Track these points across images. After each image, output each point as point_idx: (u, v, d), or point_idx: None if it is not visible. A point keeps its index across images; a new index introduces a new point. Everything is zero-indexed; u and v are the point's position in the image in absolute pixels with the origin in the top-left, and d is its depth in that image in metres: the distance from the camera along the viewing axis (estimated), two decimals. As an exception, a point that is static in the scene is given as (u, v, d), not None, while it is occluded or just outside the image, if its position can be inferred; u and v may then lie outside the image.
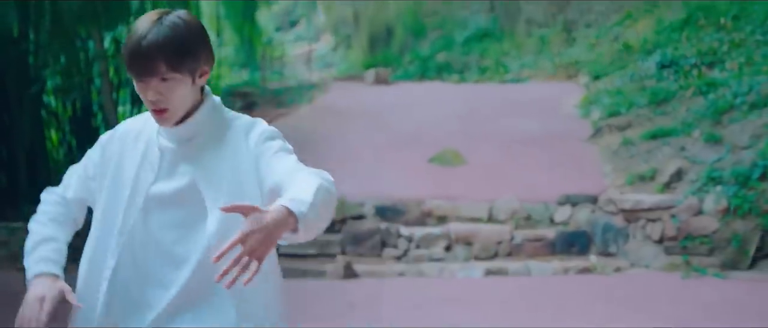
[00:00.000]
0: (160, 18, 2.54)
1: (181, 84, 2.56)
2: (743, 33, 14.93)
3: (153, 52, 2.49)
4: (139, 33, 2.52)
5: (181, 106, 2.60)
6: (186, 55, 2.54)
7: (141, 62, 2.51)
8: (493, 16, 21.74)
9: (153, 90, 2.54)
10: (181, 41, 2.53)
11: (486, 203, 11.00)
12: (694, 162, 10.87)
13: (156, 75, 2.52)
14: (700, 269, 9.79)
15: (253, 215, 2.26)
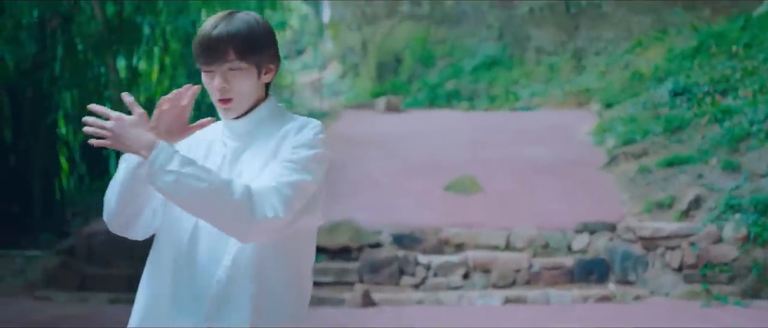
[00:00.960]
0: (230, 13, 2.67)
1: (248, 75, 2.65)
2: (756, 61, 14.93)
3: (223, 40, 2.60)
4: (211, 24, 2.64)
5: (245, 98, 2.68)
6: (254, 46, 2.63)
7: (211, 50, 2.62)
8: (501, 44, 21.78)
9: (220, 78, 2.64)
10: (251, 33, 2.63)
11: (503, 230, 10.97)
12: (712, 190, 10.84)
13: (225, 63, 2.62)
14: (720, 297, 9.75)
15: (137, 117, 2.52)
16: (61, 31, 14.23)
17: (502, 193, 12.22)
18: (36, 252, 11.64)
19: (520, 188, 12.34)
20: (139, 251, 10.79)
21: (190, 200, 2.50)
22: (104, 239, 11.09)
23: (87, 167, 16.31)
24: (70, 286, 10.83)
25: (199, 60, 2.66)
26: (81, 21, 14.97)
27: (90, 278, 10.90)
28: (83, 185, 15.98)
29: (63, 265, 11.10)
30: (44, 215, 13.36)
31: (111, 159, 16.77)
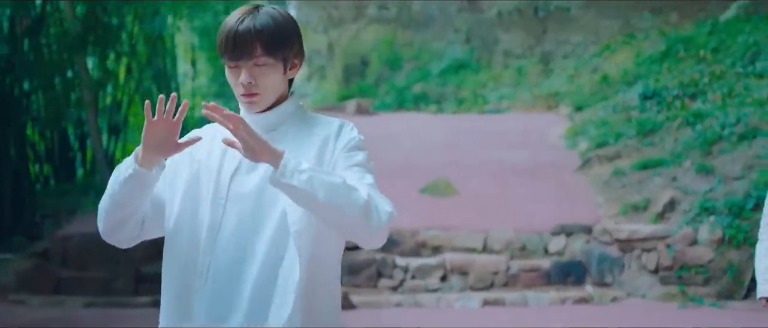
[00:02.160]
0: (256, 7, 2.63)
1: (273, 71, 2.62)
2: (723, 65, 15.14)
3: (249, 35, 2.57)
4: (235, 18, 2.60)
5: (271, 93, 2.65)
6: (280, 41, 2.61)
7: (237, 45, 2.58)
8: (469, 48, 21.85)
9: (246, 73, 2.59)
10: (277, 28, 2.61)
11: (480, 233, 11.00)
12: (686, 192, 10.96)
13: (251, 58, 2.58)
14: (696, 298, 9.86)
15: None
16: (31, 32, 14.07)
17: (477, 195, 12.25)
18: (7, 255, 11.49)
19: (495, 191, 12.38)
20: (115, 255, 10.71)
21: (327, 197, 2.47)
22: (79, 242, 10.99)
23: (53, 170, 16.16)
24: (45, 290, 10.70)
25: (224, 55, 2.61)
26: (51, 22, 14.83)
27: (65, 281, 10.78)
28: (49, 188, 15.82)
29: (37, 268, 10.96)
30: (14, 218, 13.19)
31: (77, 161, 16.63)
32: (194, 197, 2.69)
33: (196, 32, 22.11)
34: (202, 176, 2.69)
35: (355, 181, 2.56)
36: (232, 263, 2.61)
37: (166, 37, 19.20)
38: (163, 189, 2.74)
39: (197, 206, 2.68)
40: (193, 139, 2.64)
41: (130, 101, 17.56)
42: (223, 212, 2.63)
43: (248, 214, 2.61)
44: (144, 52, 17.93)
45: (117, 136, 17.03)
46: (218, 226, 2.62)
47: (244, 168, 2.66)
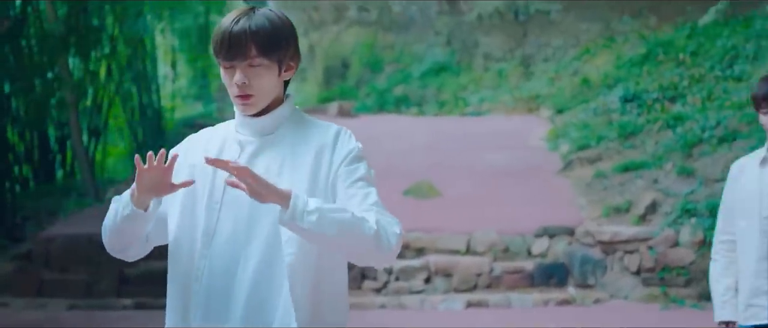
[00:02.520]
0: (252, 8, 2.63)
1: (268, 72, 2.60)
2: (702, 69, 15.25)
3: (244, 35, 2.56)
4: (231, 19, 2.59)
5: (265, 95, 2.63)
6: (276, 42, 2.60)
7: (232, 45, 2.57)
8: (450, 50, 21.90)
9: (241, 73, 2.58)
10: (273, 29, 2.59)
11: (464, 235, 11.03)
12: (667, 194, 11.05)
13: (246, 58, 2.57)
14: (678, 300, 9.94)
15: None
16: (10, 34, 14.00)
17: (460, 197, 12.29)
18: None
19: (478, 193, 12.43)
20: (98, 257, 10.66)
21: (337, 233, 2.49)
22: (62, 244, 10.95)
23: (33, 172, 16.06)
24: (28, 292, 10.65)
25: (219, 55, 2.61)
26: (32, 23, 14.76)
27: (48, 283, 10.73)
28: (29, 190, 15.73)
29: (19, 270, 10.91)
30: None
31: (56, 164, 16.54)
32: (191, 202, 2.69)
33: (176, 34, 22.09)
34: (198, 180, 2.69)
35: (360, 205, 2.57)
36: (227, 267, 2.61)
37: (146, 38, 19.16)
38: (165, 203, 2.74)
39: (193, 211, 2.69)
40: (186, 182, 2.62)
41: (111, 103, 17.50)
42: (218, 216, 2.64)
43: (243, 218, 2.62)
44: (124, 53, 17.87)
45: (97, 138, 16.96)
46: (213, 230, 2.64)
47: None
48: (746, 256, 4.16)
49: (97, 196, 14.16)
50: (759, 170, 4.18)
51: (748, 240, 4.15)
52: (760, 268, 4.09)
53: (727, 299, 4.22)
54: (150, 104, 19.58)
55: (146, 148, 18.85)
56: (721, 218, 4.37)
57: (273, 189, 2.46)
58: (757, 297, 4.10)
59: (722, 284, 4.26)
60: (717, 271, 4.31)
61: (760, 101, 4.06)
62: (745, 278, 4.16)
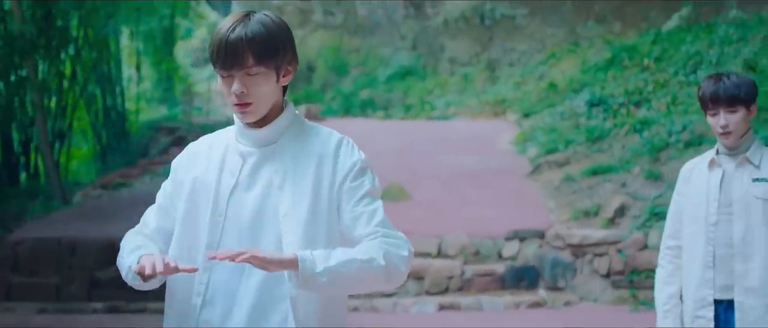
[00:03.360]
0: (247, 15, 2.59)
1: (267, 79, 2.58)
2: (667, 74, 15.45)
3: (241, 44, 2.53)
4: (227, 27, 2.56)
5: (264, 102, 2.61)
6: (273, 50, 2.57)
7: (228, 55, 2.53)
8: (415, 54, 21.99)
9: (239, 83, 2.55)
10: (269, 36, 2.56)
11: (434, 238, 11.06)
12: (636, 198, 11.17)
13: (243, 68, 2.54)
14: (647, 302, 10.03)
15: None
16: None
17: (430, 201, 12.34)
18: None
19: (448, 196, 12.49)
20: (67, 260, 10.56)
21: (350, 285, 2.54)
22: (30, 247, 10.84)
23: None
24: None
25: (216, 64, 2.58)
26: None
27: (16, 287, 10.61)
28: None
29: (-13, 273, 10.79)
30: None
31: (20, 166, 16.37)
32: (193, 215, 2.68)
33: (140, 37, 22.00)
34: (200, 192, 2.68)
35: (367, 226, 2.59)
36: (230, 281, 2.61)
37: (111, 41, 19.07)
38: (172, 220, 2.73)
39: (195, 223, 2.67)
40: (190, 268, 2.55)
41: (75, 106, 17.37)
42: (222, 230, 2.63)
43: (246, 232, 2.61)
44: (89, 56, 17.76)
45: (61, 141, 16.83)
46: (217, 244, 2.62)
47: (242, 185, 2.65)
48: (691, 264, 4.00)
49: (64, 199, 14.04)
50: (707, 173, 4.03)
51: (694, 248, 4.00)
52: (705, 278, 3.94)
53: (670, 308, 4.08)
54: (114, 107, 19.48)
55: (110, 150, 18.85)
56: (670, 223, 4.22)
57: (278, 261, 2.44)
58: (702, 309, 3.96)
59: (665, 292, 4.12)
60: (661, 278, 4.18)
61: (706, 102, 3.96)
62: (689, 288, 4.01)
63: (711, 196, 3.96)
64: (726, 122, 3.88)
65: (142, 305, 10.03)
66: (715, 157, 4.02)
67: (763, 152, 3.99)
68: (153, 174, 15.00)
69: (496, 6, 20.71)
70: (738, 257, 3.90)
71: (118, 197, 13.91)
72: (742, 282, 3.88)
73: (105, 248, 10.76)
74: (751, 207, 3.89)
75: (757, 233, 3.89)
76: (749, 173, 3.94)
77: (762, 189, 3.90)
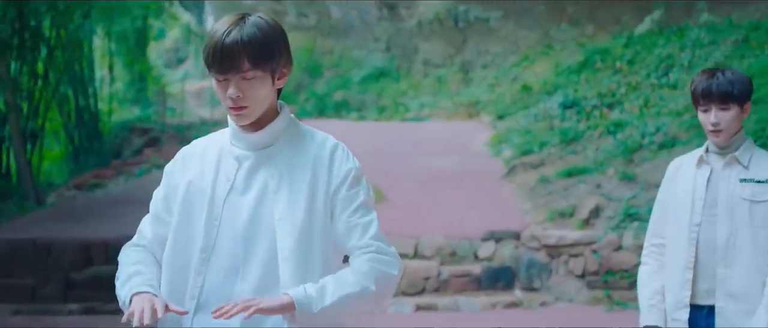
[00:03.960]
0: (242, 18, 2.57)
1: (262, 83, 2.56)
2: (639, 76, 15.61)
3: (237, 48, 2.50)
4: (223, 30, 2.53)
5: (260, 105, 2.58)
6: (268, 53, 2.55)
7: (224, 59, 2.51)
8: (389, 56, 22.04)
9: (234, 87, 2.52)
10: (265, 39, 2.54)
11: (411, 239, 11.10)
12: (610, 199, 11.27)
13: (239, 72, 2.52)
14: (622, 302, 10.13)
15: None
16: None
17: (406, 202, 12.38)
18: None
19: (424, 197, 12.53)
20: (42, 261, 10.49)
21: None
22: (4, 248, 10.77)
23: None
24: (-30, 297, 10.45)
25: (211, 68, 2.55)
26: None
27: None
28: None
29: (-39, 275, 10.70)
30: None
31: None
32: (187, 218, 2.66)
33: (113, 38, 21.92)
34: (195, 196, 2.66)
35: (361, 239, 2.59)
36: (225, 284, 2.59)
37: (84, 41, 18.98)
38: (167, 226, 2.71)
39: (190, 227, 2.66)
40: (181, 311, 2.56)
41: (48, 106, 17.27)
42: (217, 234, 2.61)
43: (240, 235, 2.60)
44: (61, 56, 17.67)
45: (33, 142, 16.72)
46: (212, 247, 2.61)
47: (238, 188, 2.64)
48: (673, 264, 3.86)
49: (37, 199, 13.96)
50: (695, 170, 3.85)
51: (676, 247, 3.85)
52: (685, 279, 3.80)
53: (654, 304, 3.92)
54: (87, 107, 19.39)
55: (83, 151, 18.74)
56: (654, 220, 4.03)
57: (275, 306, 2.47)
58: (679, 311, 3.83)
59: (650, 287, 3.95)
60: (645, 274, 4.00)
61: (698, 98, 3.75)
62: (670, 288, 3.87)
63: (696, 195, 3.81)
64: (717, 120, 3.70)
65: (117, 306, 9.91)
66: (704, 154, 3.84)
67: (753, 152, 3.81)
68: (128, 175, 14.95)
69: (469, 8, 20.80)
70: (720, 261, 3.75)
71: (92, 197, 13.85)
72: (724, 287, 3.74)
73: (80, 249, 10.75)
74: (737, 209, 3.73)
75: (741, 236, 3.72)
76: (737, 172, 3.77)
77: (749, 190, 3.74)
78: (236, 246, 2.59)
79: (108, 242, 10.68)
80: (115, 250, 9.51)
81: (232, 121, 2.64)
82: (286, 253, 2.55)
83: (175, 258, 2.65)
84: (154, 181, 9.97)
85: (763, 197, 3.72)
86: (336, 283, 2.53)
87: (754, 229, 3.70)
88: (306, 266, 2.57)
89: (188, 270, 2.62)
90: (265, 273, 2.57)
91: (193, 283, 2.61)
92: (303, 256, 2.57)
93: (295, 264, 2.56)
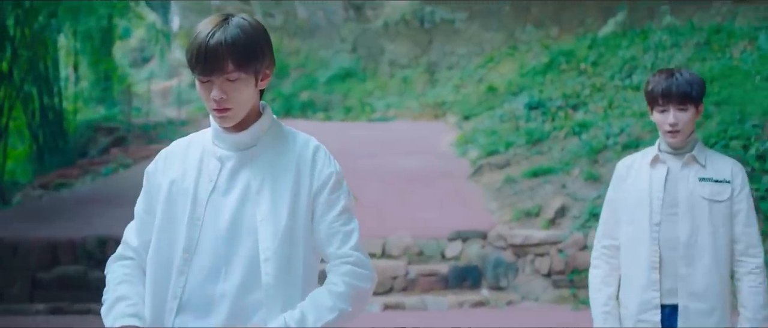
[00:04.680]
0: (225, 19, 2.56)
1: (246, 84, 2.56)
2: (603, 78, 15.78)
3: (221, 50, 2.50)
4: (206, 32, 2.52)
5: (243, 106, 2.58)
6: (252, 54, 2.55)
7: (208, 61, 2.50)
8: (355, 57, 22.10)
9: (218, 88, 2.52)
10: (248, 41, 2.54)
11: (379, 239, 11.16)
12: (575, 199, 11.40)
13: (223, 73, 2.51)
14: (587, 301, 10.20)
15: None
16: None
17: (373, 202, 12.43)
18: None
19: (391, 197, 12.60)
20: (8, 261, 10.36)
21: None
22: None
23: None
24: (-64, 298, 10.37)
25: (195, 69, 2.53)
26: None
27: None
28: None
29: (-73, 276, 10.61)
30: None
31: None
32: (170, 218, 2.66)
33: (79, 37, 21.77)
34: (178, 196, 2.66)
35: (340, 248, 2.62)
36: (207, 284, 2.59)
37: (49, 40, 18.85)
38: (151, 231, 2.72)
39: (172, 227, 2.65)
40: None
41: (12, 105, 17.14)
42: (200, 233, 2.61)
43: (223, 235, 2.59)
44: (26, 55, 17.55)
45: (0, 143, 16.61)
46: (194, 247, 2.61)
47: (220, 189, 2.63)
48: (634, 266, 3.81)
49: (2, 199, 13.87)
50: (649, 170, 3.82)
51: (636, 248, 3.80)
52: (652, 280, 3.75)
53: (609, 309, 3.91)
54: (51, 107, 19.26)
55: (47, 150, 18.63)
56: (604, 221, 3.97)
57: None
58: (647, 312, 3.77)
59: (604, 293, 3.94)
60: (598, 279, 3.97)
61: (656, 98, 3.74)
62: (632, 291, 3.82)
63: (655, 194, 3.78)
64: (675, 120, 3.71)
65: (85, 306, 9.94)
66: (659, 154, 3.82)
67: (707, 153, 3.84)
68: (94, 174, 14.88)
69: (435, 10, 20.91)
70: (682, 260, 3.74)
71: (58, 197, 13.77)
72: (687, 286, 3.74)
73: (47, 249, 10.69)
74: (697, 207, 3.74)
75: (702, 235, 3.73)
76: (695, 172, 3.78)
77: (708, 189, 3.75)
78: (218, 246, 2.59)
79: (75, 241, 10.66)
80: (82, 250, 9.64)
81: (216, 123, 2.64)
82: (268, 254, 2.56)
83: (158, 258, 2.65)
84: (120, 180, 10.19)
85: (722, 196, 3.76)
86: (315, 310, 2.54)
87: (713, 228, 3.73)
88: (288, 267, 2.58)
89: (171, 270, 2.61)
90: (248, 274, 2.57)
91: (175, 283, 2.61)
92: (285, 257, 2.58)
93: (277, 265, 2.56)
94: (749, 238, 3.78)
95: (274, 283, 2.56)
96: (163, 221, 2.66)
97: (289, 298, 2.59)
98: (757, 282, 3.76)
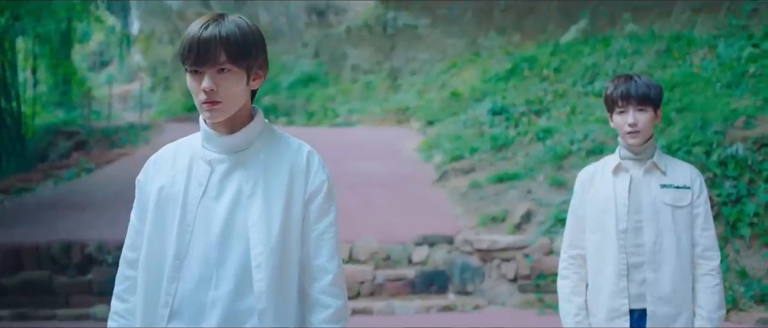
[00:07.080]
0: (221, 15, 2.56)
1: (237, 79, 2.54)
2: (565, 84, 15.90)
3: (214, 41, 2.49)
4: (200, 25, 2.53)
5: (233, 102, 2.55)
6: (246, 50, 2.54)
7: (200, 50, 2.49)
8: (318, 62, 22.09)
9: (209, 79, 2.50)
10: (243, 37, 2.54)
11: (345, 243, 11.16)
12: (541, 204, 11.47)
13: (215, 64, 2.50)
14: (553, 305, 10.30)
15: None
16: None
17: (340, 206, 12.30)
18: None
19: (356, 202, 12.60)
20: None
21: None
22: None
23: None
24: None
25: (187, 60, 2.50)
26: None
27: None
28: None
29: None
30: None
31: None
32: (160, 224, 2.63)
33: (37, 40, 21.55)
34: (167, 202, 2.63)
35: (327, 263, 2.65)
36: (198, 291, 2.56)
37: (6, 43, 18.64)
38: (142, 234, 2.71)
39: (163, 233, 2.62)
40: None
41: (-30, 109, 16.96)
42: (191, 239, 2.58)
43: (215, 241, 2.56)
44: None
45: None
46: (185, 253, 2.57)
47: (211, 193, 2.60)
48: (601, 274, 3.86)
49: (-36, 204, 13.68)
50: (612, 178, 3.86)
51: (603, 256, 3.85)
52: (620, 287, 3.80)
53: (581, 320, 3.92)
54: (9, 110, 19.04)
55: (5, 154, 18.41)
56: (570, 231, 4.00)
57: None
58: (616, 319, 3.82)
59: (575, 303, 3.94)
60: (568, 289, 3.97)
61: (616, 100, 3.79)
62: (600, 298, 3.87)
63: (619, 202, 3.83)
64: (635, 120, 3.74)
65: (50, 312, 9.86)
66: (621, 162, 3.87)
67: (667, 160, 3.91)
68: (56, 178, 14.71)
69: (398, 15, 20.96)
70: (649, 265, 3.80)
71: (20, 202, 13.60)
72: (654, 291, 3.80)
73: (10, 254, 10.56)
74: (660, 213, 3.81)
75: (666, 240, 3.80)
76: (657, 178, 3.84)
77: (670, 195, 3.82)
78: (210, 252, 2.56)
79: (39, 246, 10.53)
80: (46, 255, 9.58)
81: (205, 118, 2.60)
82: (260, 260, 2.53)
83: (149, 265, 2.62)
84: (83, 185, 10.14)
85: (683, 202, 3.84)
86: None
87: (677, 233, 3.80)
88: (281, 273, 2.56)
89: (162, 277, 2.58)
90: (239, 280, 2.54)
91: (166, 289, 2.57)
92: (277, 263, 2.56)
93: (269, 271, 2.54)
94: (706, 241, 3.86)
95: (266, 289, 2.53)
96: (153, 227, 2.63)
97: (282, 304, 2.57)
98: (714, 283, 3.84)
